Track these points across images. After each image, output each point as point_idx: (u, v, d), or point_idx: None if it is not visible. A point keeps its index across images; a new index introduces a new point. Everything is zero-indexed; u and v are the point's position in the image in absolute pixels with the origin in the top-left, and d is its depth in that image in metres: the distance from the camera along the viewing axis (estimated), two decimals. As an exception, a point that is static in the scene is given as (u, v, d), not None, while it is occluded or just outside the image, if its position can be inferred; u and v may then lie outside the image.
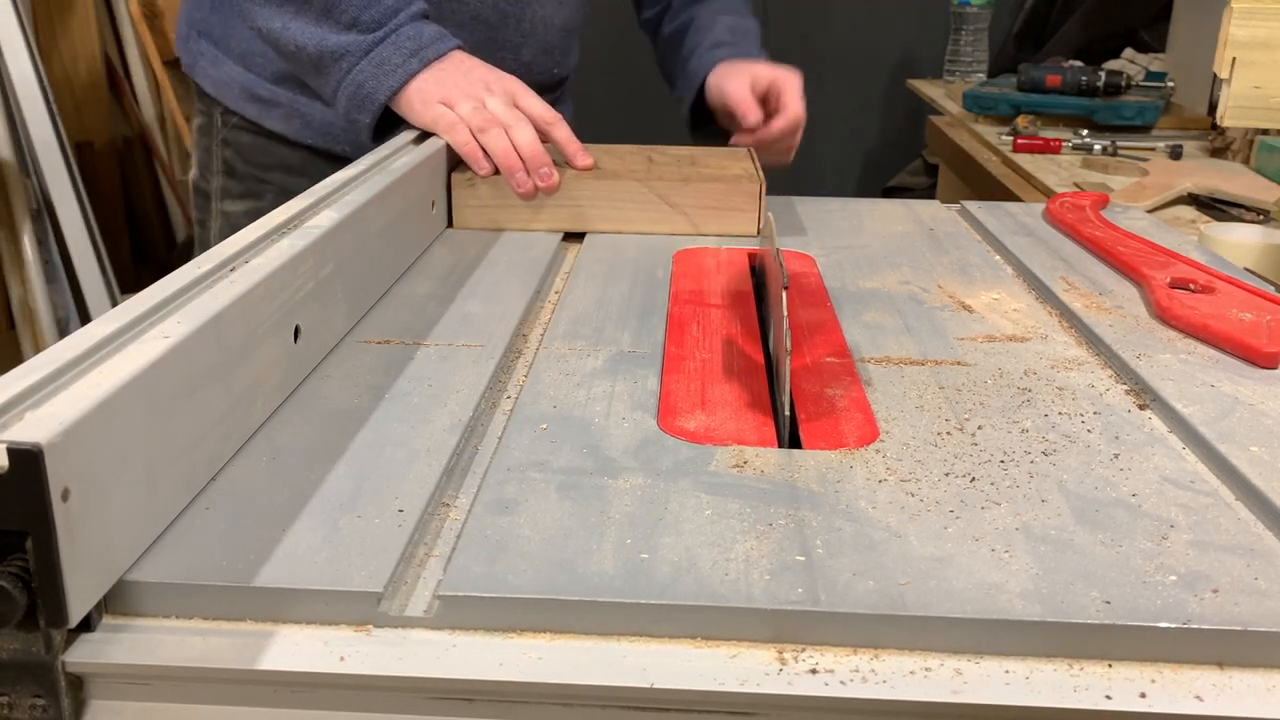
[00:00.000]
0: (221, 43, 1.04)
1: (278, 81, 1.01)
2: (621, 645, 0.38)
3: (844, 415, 0.53)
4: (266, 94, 1.02)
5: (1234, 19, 0.89)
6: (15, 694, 0.36)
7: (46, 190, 2.16)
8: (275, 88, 1.02)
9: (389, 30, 0.87)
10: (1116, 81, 1.63)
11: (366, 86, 0.87)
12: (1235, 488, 0.47)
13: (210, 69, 1.05)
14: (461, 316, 0.66)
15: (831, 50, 3.09)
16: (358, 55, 0.87)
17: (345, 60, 0.87)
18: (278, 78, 1.01)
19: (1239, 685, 0.37)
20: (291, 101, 1.02)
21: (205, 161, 1.09)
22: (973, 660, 0.37)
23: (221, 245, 0.55)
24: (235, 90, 1.04)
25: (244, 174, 1.06)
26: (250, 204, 1.06)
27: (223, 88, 1.04)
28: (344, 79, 0.88)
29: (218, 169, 1.08)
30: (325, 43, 0.87)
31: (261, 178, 1.06)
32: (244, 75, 1.03)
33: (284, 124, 1.03)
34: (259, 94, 1.03)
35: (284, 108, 1.03)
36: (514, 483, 0.46)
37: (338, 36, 0.87)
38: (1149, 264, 0.74)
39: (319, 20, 0.88)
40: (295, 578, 0.39)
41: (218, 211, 1.08)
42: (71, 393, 0.38)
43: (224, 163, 1.07)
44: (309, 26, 0.88)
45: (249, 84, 1.03)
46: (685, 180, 0.85)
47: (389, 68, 0.87)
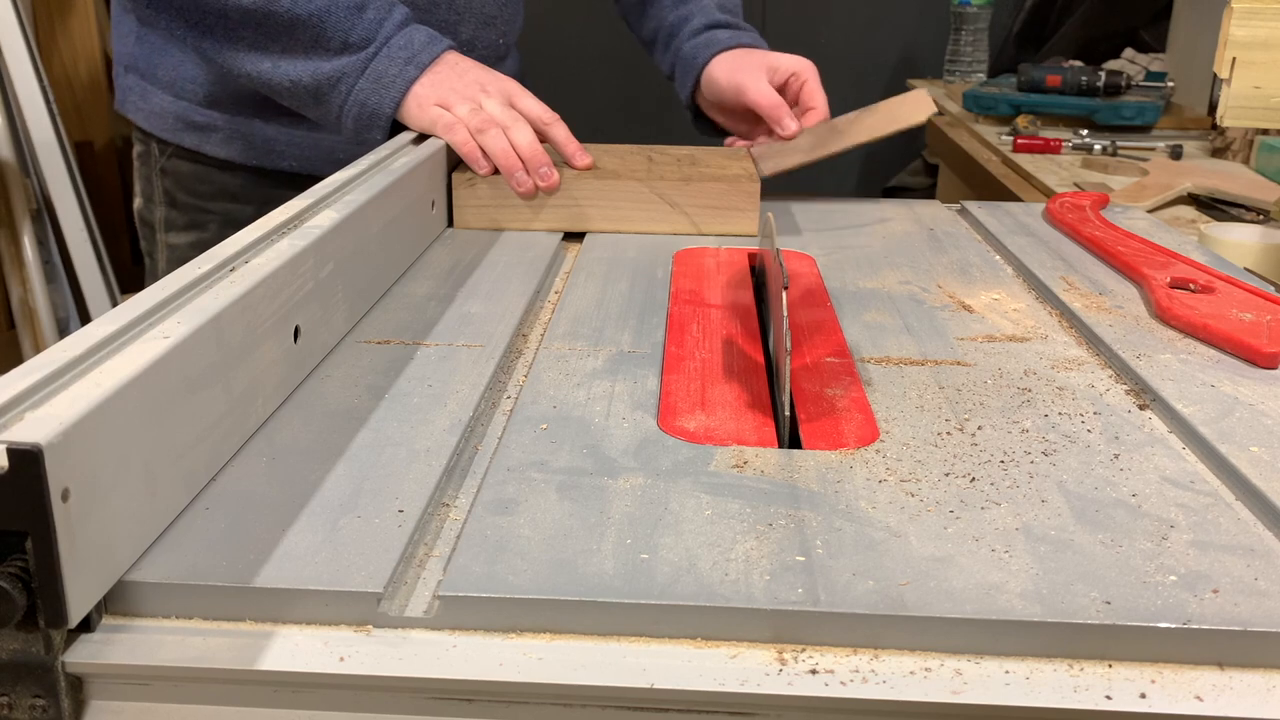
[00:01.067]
0: (148, 74, 1.02)
1: (211, 105, 1.00)
2: (621, 645, 0.38)
3: (844, 415, 0.53)
4: (202, 119, 1.01)
5: (1234, 19, 0.89)
6: (15, 694, 0.36)
7: (46, 190, 2.16)
8: (210, 111, 1.00)
9: (380, 44, 0.87)
10: (1116, 81, 1.63)
11: (370, 104, 0.87)
12: (1235, 488, 0.47)
13: (140, 102, 1.03)
14: (461, 316, 0.66)
15: (831, 50, 3.09)
16: (355, 75, 0.87)
17: (343, 83, 0.87)
18: (211, 101, 1.00)
19: (1239, 685, 0.37)
20: (229, 124, 1.00)
21: (148, 192, 1.08)
22: (973, 660, 0.37)
23: (221, 245, 0.54)
24: (169, 120, 1.02)
25: (186, 204, 1.05)
26: (195, 235, 1.04)
27: (155, 119, 1.03)
28: (346, 101, 0.88)
29: (160, 199, 1.06)
30: (320, 71, 0.87)
31: (204, 208, 1.04)
32: (175, 104, 1.01)
33: (224, 148, 1.01)
34: (194, 120, 1.01)
35: (222, 131, 1.01)
36: (514, 483, 0.46)
37: (331, 62, 0.87)
38: (1149, 264, 0.74)
39: (308, 52, 0.87)
40: (295, 578, 0.39)
41: (163, 244, 1.07)
42: (71, 393, 0.38)
43: (165, 193, 1.06)
44: (299, 61, 0.87)
45: (182, 112, 1.01)
46: (685, 180, 0.85)
47: (387, 80, 0.87)
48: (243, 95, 0.99)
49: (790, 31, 3.04)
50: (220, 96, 0.99)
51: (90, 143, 2.51)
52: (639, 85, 3.00)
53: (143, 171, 1.07)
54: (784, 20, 3.01)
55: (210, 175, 1.03)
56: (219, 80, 0.99)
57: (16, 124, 2.11)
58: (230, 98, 0.99)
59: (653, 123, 3.06)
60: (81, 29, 2.47)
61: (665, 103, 3.11)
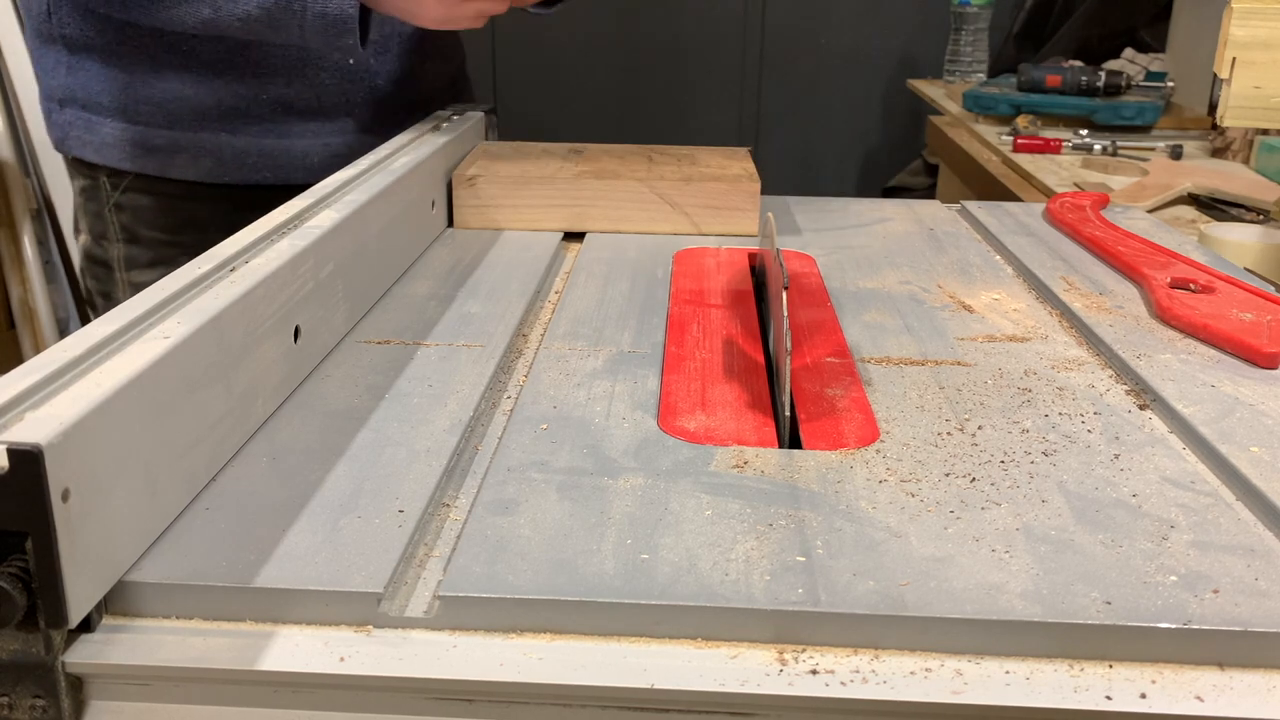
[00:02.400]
0: (90, 104, 0.95)
1: (171, 124, 0.94)
2: (622, 646, 0.38)
3: (844, 415, 0.53)
4: (163, 141, 0.95)
5: (1234, 19, 0.89)
6: (15, 694, 0.36)
7: (46, 190, 2.16)
8: (171, 131, 0.95)
9: None
10: (1116, 81, 1.63)
11: (330, 11, 0.83)
12: (1235, 488, 0.47)
13: (85, 135, 0.96)
14: (461, 316, 0.66)
15: (831, 50, 3.09)
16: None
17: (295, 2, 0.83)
18: (170, 120, 0.94)
19: (1239, 686, 0.37)
20: (194, 141, 0.95)
21: (98, 229, 1.00)
22: (973, 661, 0.37)
23: (221, 245, 0.55)
24: (124, 149, 0.95)
25: (149, 239, 0.99)
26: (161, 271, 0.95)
27: (106, 150, 0.96)
28: (304, 19, 0.84)
29: (116, 236, 1.00)
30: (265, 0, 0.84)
31: (171, 240, 0.99)
32: (129, 130, 0.95)
33: (192, 168, 0.96)
34: (154, 144, 0.95)
35: (186, 151, 0.95)
36: (514, 483, 0.46)
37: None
38: (1149, 264, 0.74)
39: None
40: (295, 578, 0.39)
41: (124, 282, 1.01)
42: (71, 393, 0.38)
43: (123, 229, 0.99)
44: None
45: (138, 137, 0.94)
46: (685, 180, 0.85)
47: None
48: (206, 109, 0.94)
49: (790, 32, 3.04)
50: (181, 113, 0.94)
51: (90, 143, 2.51)
52: (639, 85, 3.00)
53: (89, 208, 1.00)
54: (784, 20, 3.01)
55: (175, 206, 0.98)
56: (178, 99, 0.94)
57: (16, 124, 2.11)
58: (192, 114, 0.94)
59: (653, 123, 3.06)
60: (81, 29, 2.47)
61: (665, 103, 3.11)
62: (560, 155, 0.94)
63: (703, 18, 3.01)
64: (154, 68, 0.93)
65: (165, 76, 0.93)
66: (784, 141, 3.19)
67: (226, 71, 0.94)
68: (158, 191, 0.97)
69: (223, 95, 0.95)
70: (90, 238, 1.01)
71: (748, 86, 3.12)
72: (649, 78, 3.03)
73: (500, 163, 0.90)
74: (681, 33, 2.99)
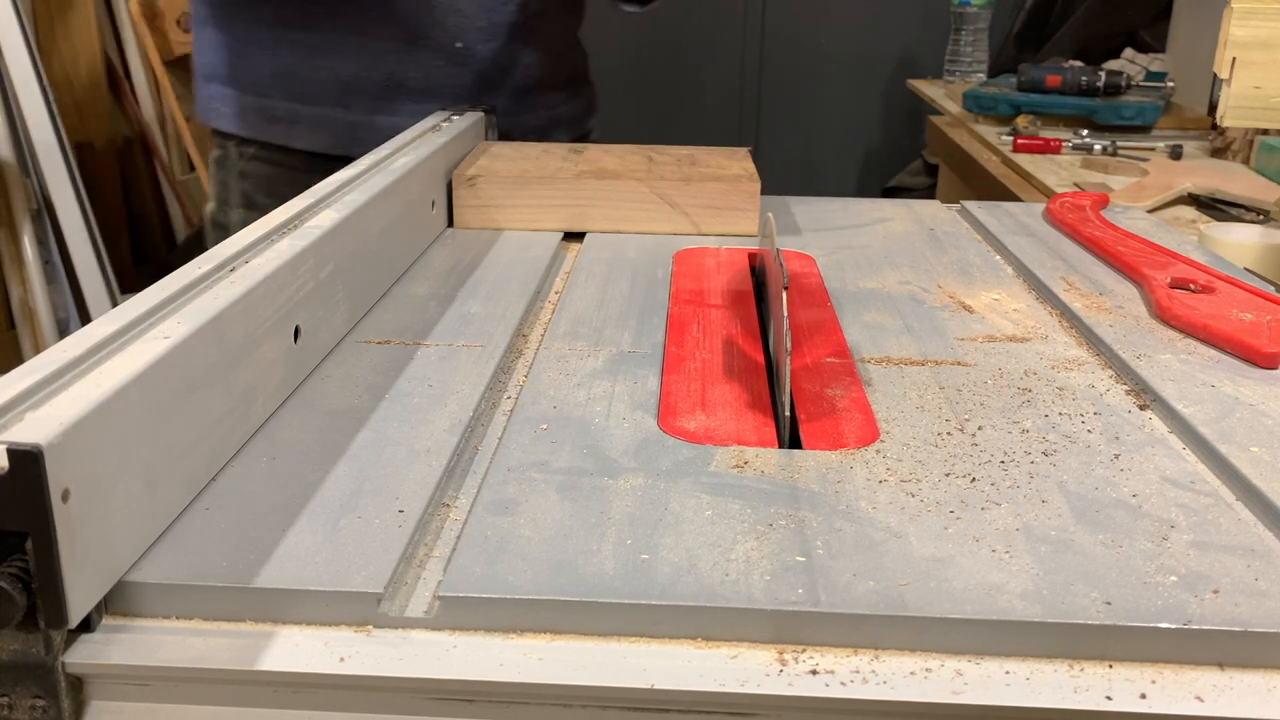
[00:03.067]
0: (230, 80, 1.07)
1: (293, 99, 1.05)
2: (622, 646, 0.38)
3: (844, 415, 0.53)
4: (284, 113, 1.05)
5: (1234, 19, 0.89)
6: (15, 695, 0.36)
7: (46, 190, 2.16)
8: (293, 105, 1.05)
9: None
10: (1116, 81, 1.63)
11: None
12: (1236, 488, 0.47)
13: (223, 108, 1.08)
14: (461, 316, 0.66)
15: (831, 50, 3.09)
16: None
17: None
18: (293, 95, 1.05)
19: (1239, 686, 0.37)
20: (312, 114, 1.05)
21: (223, 196, 1.12)
22: (973, 661, 0.37)
23: (221, 245, 0.55)
24: (253, 118, 1.06)
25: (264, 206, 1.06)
26: None
27: (240, 121, 1.07)
28: None
29: (236, 203, 1.10)
30: None
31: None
32: (258, 102, 1.06)
33: (310, 139, 1.06)
34: (278, 115, 1.06)
35: (306, 123, 1.05)
36: (514, 483, 0.46)
37: None
38: (1149, 264, 0.74)
39: None
40: (295, 578, 0.39)
41: None
42: (71, 393, 0.38)
43: (243, 196, 1.09)
44: None
45: (266, 108, 1.06)
46: (685, 180, 0.85)
47: None
48: (323, 86, 1.04)
49: (790, 31, 3.04)
50: (301, 89, 1.05)
51: (90, 143, 2.51)
52: (639, 85, 3.00)
53: (219, 176, 1.12)
54: (784, 20, 3.01)
55: (292, 176, 1.05)
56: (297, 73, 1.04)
57: (16, 124, 2.11)
58: (311, 89, 1.04)
59: (653, 123, 3.06)
60: (81, 29, 2.47)
61: (665, 103, 3.11)
62: (560, 155, 0.94)
63: (703, 18, 3.01)
64: (277, 46, 1.04)
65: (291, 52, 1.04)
66: (784, 141, 3.19)
67: (342, 49, 1.04)
68: (277, 162, 1.07)
69: (339, 71, 1.05)
70: (216, 204, 1.13)
71: (748, 86, 3.12)
72: (649, 78, 3.03)
73: (500, 163, 0.90)
74: (682, 33, 3.00)
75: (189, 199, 2.76)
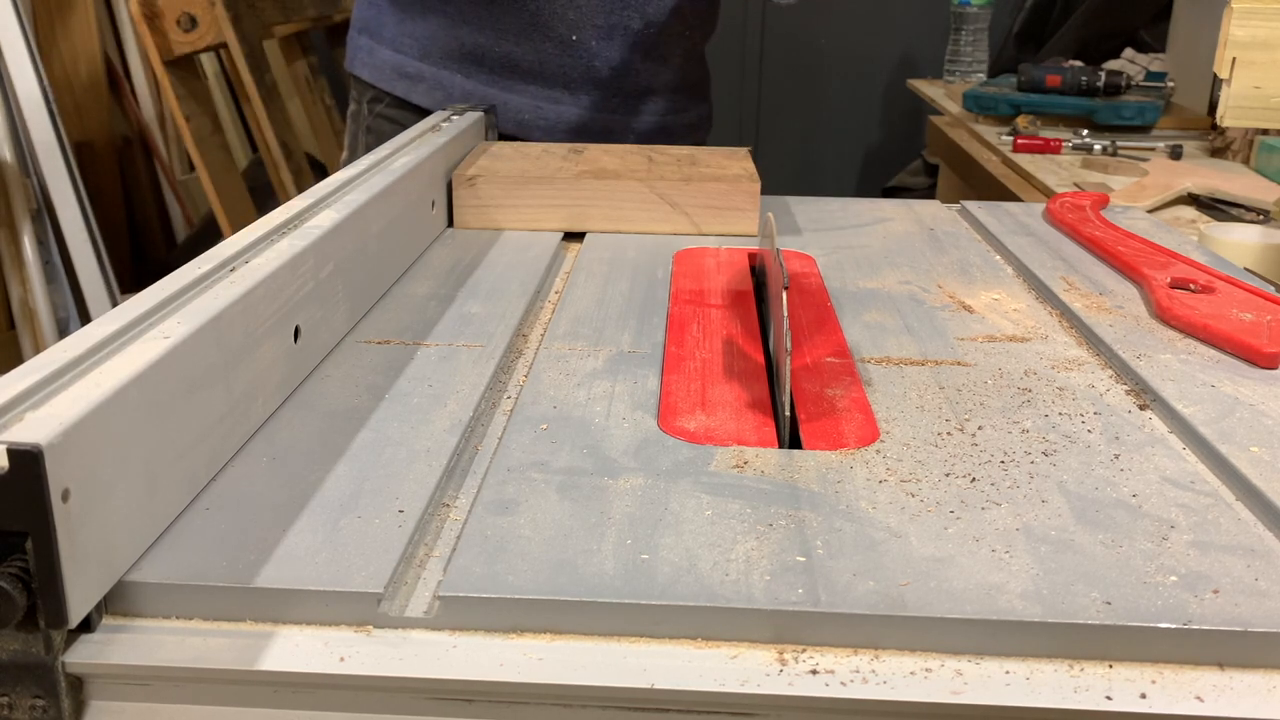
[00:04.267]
0: (376, 34, 1.19)
1: (423, 58, 1.16)
2: (622, 646, 0.38)
3: (844, 415, 0.53)
4: (413, 70, 1.16)
5: (1234, 19, 0.89)
6: (15, 695, 0.36)
7: (46, 190, 2.16)
8: (421, 64, 1.16)
9: None
10: (1116, 81, 1.63)
11: None
12: (1235, 488, 0.47)
13: (367, 58, 1.20)
14: (461, 316, 0.66)
15: (831, 50, 3.09)
16: None
17: None
18: (423, 54, 1.15)
19: (1239, 686, 0.37)
20: (435, 75, 1.15)
21: (353, 146, 1.24)
22: (973, 661, 0.37)
23: (221, 245, 0.55)
24: (387, 71, 1.18)
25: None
26: None
27: (376, 72, 1.19)
28: None
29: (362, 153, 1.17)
30: None
31: None
32: (394, 57, 1.17)
33: (428, 97, 1.16)
34: (407, 71, 1.17)
35: (428, 81, 1.16)
36: (514, 483, 0.46)
37: None
38: (1149, 264, 0.74)
39: None
40: (295, 578, 0.39)
41: None
42: (71, 393, 0.38)
43: (367, 148, 1.19)
44: None
45: (399, 64, 1.17)
46: (685, 180, 0.85)
47: None
48: (449, 52, 1.14)
49: (790, 32, 3.04)
50: (431, 51, 1.15)
51: (90, 143, 2.51)
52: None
53: (351, 128, 1.25)
54: (784, 20, 3.01)
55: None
56: (431, 37, 1.14)
57: (16, 124, 2.11)
58: (439, 53, 1.15)
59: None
60: (81, 29, 2.47)
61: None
62: (560, 155, 0.94)
63: (703, 18, 3.00)
64: (422, 10, 1.15)
65: (428, 18, 1.14)
66: (784, 141, 3.19)
67: (473, 21, 1.13)
68: (397, 120, 1.17)
69: (465, 41, 1.14)
70: (349, 153, 1.26)
71: (748, 87, 3.12)
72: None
73: (500, 163, 0.90)
74: (681, 33, 2.99)
75: (189, 199, 2.76)
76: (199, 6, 2.18)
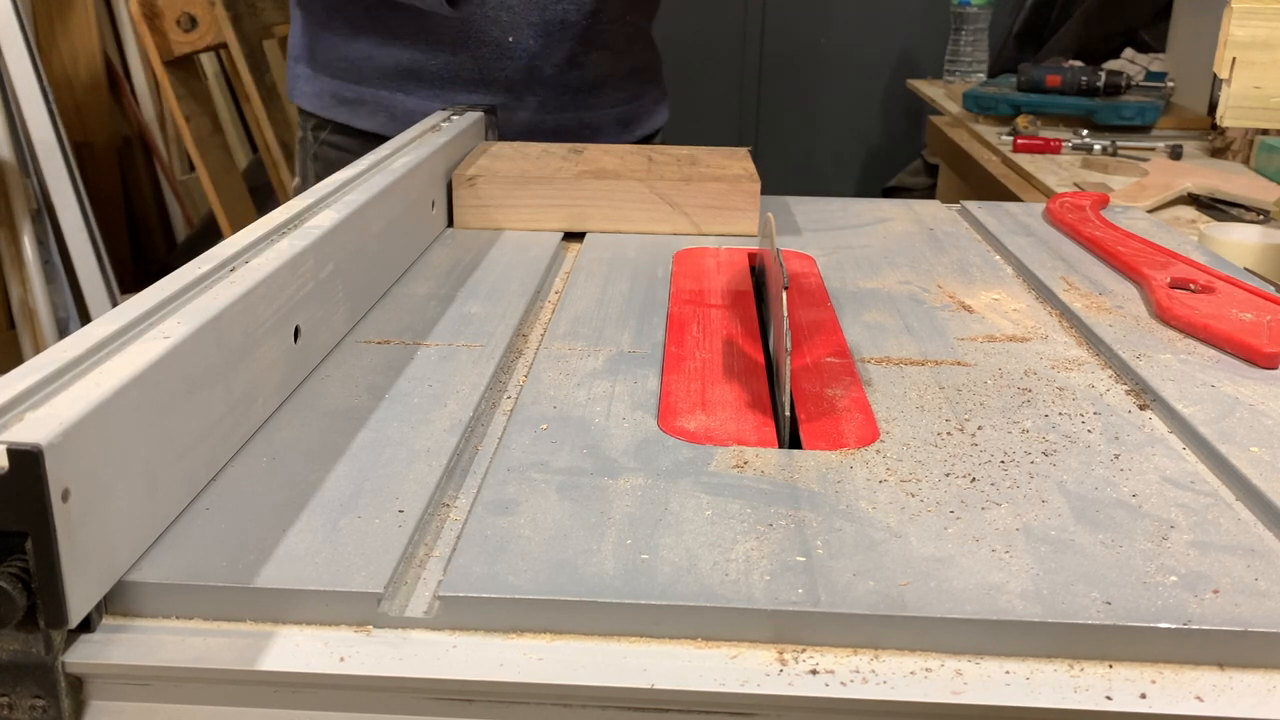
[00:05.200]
0: (311, 61, 1.16)
1: (360, 82, 1.13)
2: (622, 646, 0.38)
3: (844, 415, 0.53)
4: (352, 95, 1.14)
5: (1234, 19, 0.89)
6: (15, 695, 0.36)
7: (46, 190, 2.16)
8: (359, 88, 1.13)
9: None
10: (1116, 81, 1.63)
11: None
12: (1235, 488, 0.47)
13: (305, 87, 1.17)
14: (461, 316, 0.66)
15: (831, 50, 3.09)
16: None
17: None
18: (359, 78, 1.13)
19: (1239, 686, 0.37)
20: (374, 97, 1.13)
21: (304, 174, 1.22)
22: (973, 661, 0.37)
23: (221, 245, 0.54)
24: (326, 98, 1.15)
25: None
26: None
27: (316, 100, 1.16)
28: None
29: (312, 180, 1.17)
30: None
31: None
32: (332, 83, 1.15)
33: (370, 120, 1.14)
34: (346, 96, 1.14)
35: (368, 104, 1.13)
36: (514, 483, 0.46)
37: None
38: (1149, 264, 0.74)
39: None
40: (295, 578, 0.39)
41: None
42: (71, 393, 0.38)
43: (316, 177, 1.17)
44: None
45: (336, 90, 1.14)
46: (685, 180, 0.85)
47: None
48: (385, 72, 1.12)
49: (790, 31, 3.04)
50: (367, 73, 1.12)
51: (90, 143, 2.51)
52: (639, 85, 2.99)
53: (300, 155, 1.22)
54: (784, 20, 3.01)
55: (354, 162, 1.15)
56: (365, 58, 1.12)
57: (16, 124, 2.11)
58: (375, 74, 1.12)
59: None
60: (81, 29, 2.47)
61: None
62: (560, 155, 0.94)
63: (703, 18, 3.01)
64: (352, 31, 1.12)
65: (359, 39, 1.11)
66: (784, 141, 3.19)
67: (404, 37, 1.10)
68: (342, 148, 1.16)
69: (399, 58, 1.11)
70: (299, 180, 1.24)
71: (747, 86, 3.12)
72: (649, 78, 3.02)
73: (500, 163, 0.90)
74: (682, 33, 2.99)
75: (189, 199, 2.76)
76: (199, 6, 2.18)
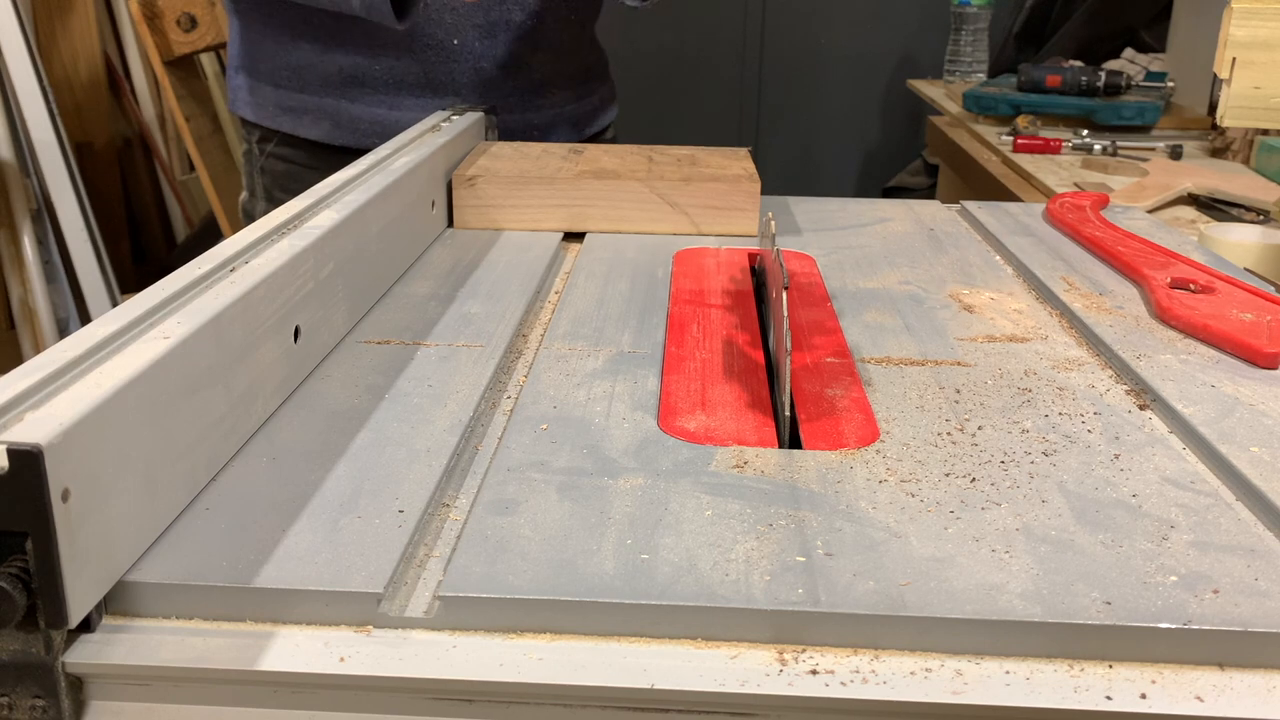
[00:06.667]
0: (253, 71, 1.13)
1: (303, 89, 1.10)
2: (622, 646, 0.38)
3: (844, 415, 0.53)
4: (295, 103, 1.11)
5: (1234, 19, 0.89)
6: (15, 695, 0.36)
7: (46, 190, 2.16)
8: (303, 96, 1.11)
9: None
10: (1116, 81, 1.64)
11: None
12: (1235, 488, 0.47)
13: (248, 97, 1.15)
14: (461, 316, 0.66)
15: (831, 50, 3.09)
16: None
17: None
18: (302, 85, 1.10)
19: (1239, 686, 0.37)
20: (318, 104, 1.10)
21: (251, 186, 1.19)
22: (973, 661, 0.37)
23: (221, 245, 0.55)
24: (270, 108, 1.13)
25: (279, 200, 1.12)
26: None
27: (259, 109, 1.14)
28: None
29: (261, 195, 1.16)
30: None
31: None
32: (275, 93, 1.12)
33: (315, 129, 1.11)
34: (290, 105, 1.11)
35: (312, 113, 1.10)
36: (514, 483, 0.46)
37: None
38: (1149, 264, 0.74)
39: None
40: (295, 578, 0.39)
41: None
42: (71, 393, 0.38)
43: (264, 189, 1.16)
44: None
45: (279, 98, 1.12)
46: (685, 180, 0.85)
47: None
48: (328, 78, 1.09)
49: (790, 31, 3.04)
50: (309, 80, 1.10)
51: (90, 143, 2.51)
52: (639, 85, 2.99)
53: (247, 168, 1.20)
54: (784, 20, 3.01)
55: (301, 174, 1.12)
56: (308, 65, 1.09)
57: (16, 124, 2.11)
58: (318, 81, 1.09)
59: (654, 123, 3.06)
60: (81, 29, 2.47)
61: (666, 103, 3.10)
62: (560, 155, 0.94)
63: (703, 18, 3.01)
64: (292, 38, 1.08)
65: (300, 45, 1.08)
66: (784, 141, 3.19)
67: (346, 43, 1.07)
68: (289, 159, 1.14)
69: (342, 64, 1.08)
70: (248, 194, 1.21)
71: (748, 86, 3.12)
72: (649, 78, 3.03)
73: (500, 163, 0.90)
74: (682, 33, 3.00)
75: (189, 199, 2.76)
76: (199, 6, 2.18)
